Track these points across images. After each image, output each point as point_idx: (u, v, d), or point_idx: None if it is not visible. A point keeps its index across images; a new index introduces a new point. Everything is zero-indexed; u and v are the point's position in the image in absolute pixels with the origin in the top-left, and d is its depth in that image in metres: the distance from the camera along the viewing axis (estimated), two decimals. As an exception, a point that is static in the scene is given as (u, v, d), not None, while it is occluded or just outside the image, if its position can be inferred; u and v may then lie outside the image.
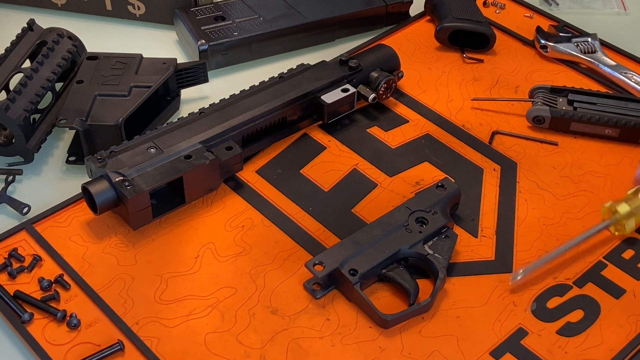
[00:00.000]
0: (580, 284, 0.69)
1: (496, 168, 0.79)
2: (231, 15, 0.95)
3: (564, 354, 0.64)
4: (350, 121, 0.86)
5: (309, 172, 0.80)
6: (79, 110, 0.77)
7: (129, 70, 0.82)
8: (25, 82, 0.79)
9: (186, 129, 0.76)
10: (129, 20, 1.00)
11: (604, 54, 0.93)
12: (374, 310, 0.65)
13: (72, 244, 0.72)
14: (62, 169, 0.80)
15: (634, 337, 0.65)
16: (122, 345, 0.63)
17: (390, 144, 0.83)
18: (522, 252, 0.72)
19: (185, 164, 0.73)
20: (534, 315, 0.67)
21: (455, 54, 0.95)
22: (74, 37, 0.87)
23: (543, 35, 0.95)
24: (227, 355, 0.63)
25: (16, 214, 0.75)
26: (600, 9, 1.05)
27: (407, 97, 0.89)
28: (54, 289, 0.67)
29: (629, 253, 0.72)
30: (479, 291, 0.68)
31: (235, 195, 0.77)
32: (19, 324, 0.65)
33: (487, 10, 1.02)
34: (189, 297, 0.68)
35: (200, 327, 0.65)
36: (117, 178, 0.70)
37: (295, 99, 0.81)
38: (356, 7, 0.98)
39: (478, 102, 0.88)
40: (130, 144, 0.74)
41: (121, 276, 0.69)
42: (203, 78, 0.88)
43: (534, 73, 0.93)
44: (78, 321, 0.65)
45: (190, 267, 0.70)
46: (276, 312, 0.66)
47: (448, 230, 0.71)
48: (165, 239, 0.72)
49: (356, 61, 0.85)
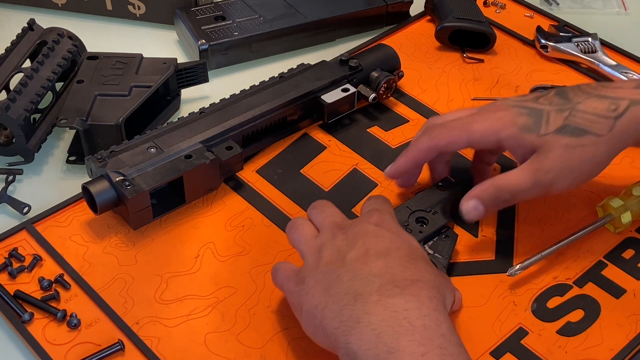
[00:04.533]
0: (581, 283, 0.69)
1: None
2: (231, 15, 0.95)
3: (564, 353, 0.64)
4: (350, 121, 0.86)
5: (309, 171, 0.80)
6: (79, 110, 0.77)
7: (129, 70, 0.82)
8: (26, 82, 0.79)
9: (186, 129, 0.76)
10: (129, 20, 1.00)
11: (605, 54, 0.93)
12: (374, 310, 0.65)
13: (73, 243, 0.72)
14: (62, 169, 0.80)
15: (634, 337, 0.65)
16: (122, 345, 0.63)
17: (391, 143, 0.83)
18: (523, 252, 0.72)
19: (185, 163, 0.73)
20: (534, 315, 0.67)
21: (456, 54, 0.95)
22: (74, 37, 0.87)
23: (543, 35, 0.95)
24: (227, 354, 0.63)
25: (16, 213, 0.75)
26: (601, 9, 1.05)
27: (407, 97, 0.89)
28: (54, 288, 0.67)
29: (629, 253, 0.72)
30: (479, 291, 0.68)
31: (235, 195, 0.77)
32: (19, 323, 0.65)
33: (488, 10, 1.02)
34: (189, 297, 0.68)
35: (201, 327, 0.65)
36: (118, 178, 0.70)
37: (296, 99, 0.81)
38: (356, 7, 0.98)
39: (478, 101, 0.88)
40: (130, 144, 0.74)
41: (121, 276, 0.69)
42: (203, 78, 0.88)
43: (535, 73, 0.93)
44: (78, 321, 0.65)
45: (191, 266, 0.70)
46: (276, 312, 0.66)
47: (448, 230, 0.71)
48: (165, 238, 0.72)
49: (356, 61, 0.85)
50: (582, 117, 0.66)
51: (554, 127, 0.66)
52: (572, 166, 0.65)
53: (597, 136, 0.66)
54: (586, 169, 0.66)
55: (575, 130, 0.65)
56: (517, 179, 0.66)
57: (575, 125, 0.66)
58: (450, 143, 0.69)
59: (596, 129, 0.66)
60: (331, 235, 0.61)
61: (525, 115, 0.67)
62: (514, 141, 0.67)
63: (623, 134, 0.66)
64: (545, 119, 0.66)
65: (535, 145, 0.66)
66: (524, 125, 0.66)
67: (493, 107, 0.69)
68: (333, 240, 0.60)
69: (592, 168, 0.67)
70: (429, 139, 0.70)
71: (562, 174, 0.65)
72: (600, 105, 0.67)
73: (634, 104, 0.66)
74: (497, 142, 0.68)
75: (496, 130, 0.67)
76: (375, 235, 0.60)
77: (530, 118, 0.67)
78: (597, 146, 0.66)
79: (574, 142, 0.65)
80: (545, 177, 0.65)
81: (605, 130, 0.66)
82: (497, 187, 0.67)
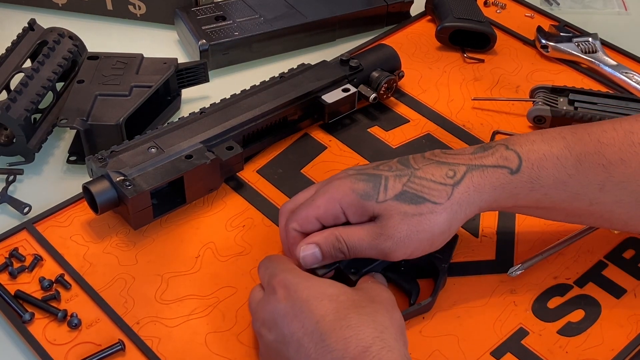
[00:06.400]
0: (581, 283, 0.69)
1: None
2: (232, 15, 0.95)
3: (565, 353, 0.64)
4: (351, 121, 0.86)
5: (309, 171, 0.80)
6: (80, 110, 0.77)
7: (129, 70, 0.82)
8: (26, 82, 0.79)
9: (187, 129, 0.76)
10: (130, 20, 1.00)
11: (605, 54, 0.93)
12: (374, 310, 0.65)
13: (73, 243, 0.72)
14: (62, 169, 0.80)
15: (634, 337, 0.65)
16: (122, 345, 0.63)
17: (391, 143, 0.83)
18: (523, 252, 0.72)
19: (186, 163, 0.73)
20: (535, 315, 0.67)
21: (456, 54, 0.95)
22: (75, 37, 0.87)
23: (544, 35, 0.95)
24: (227, 355, 0.64)
25: (17, 213, 0.75)
26: (601, 9, 1.05)
27: (407, 97, 0.89)
28: (55, 288, 0.67)
29: (630, 253, 0.72)
30: (479, 291, 0.68)
31: (235, 195, 0.77)
32: (20, 323, 0.65)
33: (488, 10, 1.02)
34: (190, 297, 0.68)
35: (201, 327, 0.65)
36: (118, 178, 0.70)
37: (296, 99, 0.81)
38: (357, 7, 0.98)
39: (479, 101, 0.88)
40: (131, 144, 0.74)
41: (122, 276, 0.69)
42: (204, 78, 0.88)
43: (535, 73, 0.93)
44: (79, 321, 0.65)
45: (191, 266, 0.70)
46: (277, 312, 0.66)
47: (449, 230, 0.71)
48: (165, 238, 0.72)
49: (357, 61, 0.85)
50: (420, 184, 0.63)
51: (392, 194, 0.62)
52: (410, 235, 0.62)
53: (435, 204, 0.62)
54: (426, 237, 0.62)
55: (413, 198, 0.62)
56: (357, 236, 0.63)
57: (414, 192, 0.62)
58: (303, 225, 0.65)
59: (434, 196, 0.62)
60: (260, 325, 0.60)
61: (364, 181, 0.63)
62: (355, 209, 0.63)
63: (462, 200, 0.62)
64: (383, 185, 0.63)
65: (375, 212, 0.63)
66: (362, 192, 0.63)
67: (333, 178, 0.67)
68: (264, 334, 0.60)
69: (433, 237, 0.63)
70: (286, 229, 0.67)
71: (400, 243, 0.62)
72: (438, 171, 0.63)
73: (471, 169, 0.63)
74: (342, 212, 0.64)
75: (337, 199, 0.64)
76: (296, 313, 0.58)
77: (368, 184, 0.63)
78: (435, 214, 0.62)
79: (412, 209, 0.62)
80: (384, 243, 0.62)
81: (444, 197, 0.62)
82: (337, 238, 0.64)
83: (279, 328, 0.58)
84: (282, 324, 0.58)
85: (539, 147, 0.63)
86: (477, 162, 0.63)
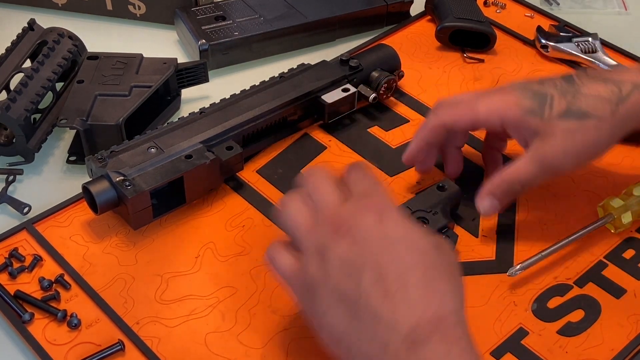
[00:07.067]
0: (581, 283, 0.69)
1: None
2: (232, 15, 0.95)
3: (565, 353, 0.64)
4: (350, 121, 0.86)
5: (309, 171, 0.80)
6: (80, 110, 0.77)
7: (129, 70, 0.82)
8: (26, 82, 0.79)
9: (187, 129, 0.76)
10: (130, 20, 1.00)
11: (605, 54, 0.93)
12: (374, 310, 0.65)
13: (73, 243, 0.72)
14: (62, 169, 0.80)
15: (634, 337, 0.65)
16: (122, 345, 0.63)
17: (391, 143, 0.83)
18: (523, 252, 0.72)
19: (185, 163, 0.73)
20: (535, 315, 0.67)
21: (456, 54, 0.95)
22: (75, 37, 0.87)
23: (544, 35, 0.95)
24: (227, 355, 0.64)
25: (17, 213, 0.75)
26: (601, 9, 1.05)
27: (407, 97, 0.89)
28: (55, 288, 0.67)
29: (630, 253, 0.72)
30: (479, 291, 0.68)
31: (235, 195, 0.77)
32: (20, 323, 0.65)
33: (488, 10, 1.02)
34: (190, 297, 0.68)
35: (201, 327, 0.65)
36: (118, 178, 0.70)
37: (296, 99, 0.81)
38: (356, 7, 0.98)
39: (479, 101, 0.88)
40: (130, 144, 0.74)
41: (122, 276, 0.69)
42: (204, 78, 0.88)
43: (535, 73, 0.93)
44: (79, 321, 0.65)
45: (191, 267, 0.70)
46: (277, 312, 0.66)
47: (448, 231, 0.71)
48: (165, 238, 0.72)
49: (357, 61, 0.85)
50: (585, 101, 0.66)
51: (557, 111, 0.66)
52: (576, 150, 0.66)
53: (599, 119, 0.66)
54: (589, 151, 0.67)
55: (578, 114, 0.66)
56: (524, 170, 0.67)
57: (578, 109, 0.66)
58: (456, 121, 0.70)
59: (599, 112, 0.66)
60: (331, 233, 0.54)
61: (530, 98, 0.67)
62: (518, 123, 0.67)
63: (625, 117, 0.66)
64: (549, 103, 0.67)
65: (538, 128, 0.66)
66: (528, 108, 0.67)
67: (499, 89, 0.70)
68: (336, 244, 0.53)
69: (595, 150, 0.68)
70: (435, 118, 0.71)
71: (566, 158, 0.66)
72: (603, 88, 0.67)
73: (637, 87, 0.66)
74: (501, 123, 0.68)
75: (501, 111, 0.68)
76: (385, 245, 0.53)
77: (535, 101, 0.67)
78: (599, 130, 0.66)
79: (576, 125, 0.66)
80: (551, 163, 0.67)
81: (608, 113, 0.66)
82: (507, 182, 0.68)
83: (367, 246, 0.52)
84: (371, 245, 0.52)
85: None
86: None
